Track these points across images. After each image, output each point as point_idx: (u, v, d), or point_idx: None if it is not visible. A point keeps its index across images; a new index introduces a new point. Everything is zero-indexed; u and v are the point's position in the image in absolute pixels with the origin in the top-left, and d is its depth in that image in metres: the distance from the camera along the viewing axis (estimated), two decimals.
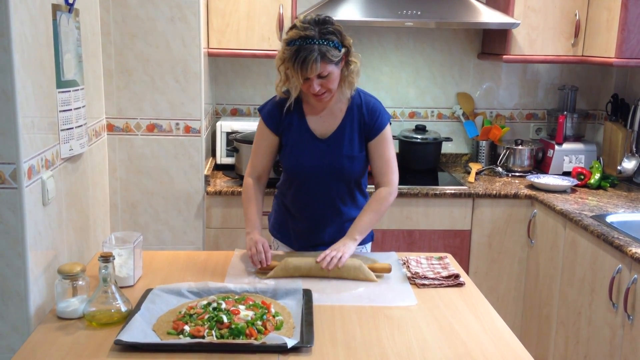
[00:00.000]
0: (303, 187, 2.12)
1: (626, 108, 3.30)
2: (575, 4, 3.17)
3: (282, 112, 2.07)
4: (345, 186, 2.12)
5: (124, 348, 1.47)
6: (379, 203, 2.07)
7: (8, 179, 1.64)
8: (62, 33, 1.95)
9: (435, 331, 1.63)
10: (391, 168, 2.09)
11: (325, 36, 1.88)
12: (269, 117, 2.09)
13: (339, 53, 1.91)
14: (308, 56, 1.85)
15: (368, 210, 2.06)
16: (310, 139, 2.07)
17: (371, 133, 2.06)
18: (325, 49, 1.87)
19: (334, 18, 1.97)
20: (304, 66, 1.86)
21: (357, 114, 2.07)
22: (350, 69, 1.99)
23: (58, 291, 1.66)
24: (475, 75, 3.62)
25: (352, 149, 2.06)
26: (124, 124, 2.77)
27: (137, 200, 2.84)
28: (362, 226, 2.03)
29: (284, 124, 2.08)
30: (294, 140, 2.08)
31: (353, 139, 2.06)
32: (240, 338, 1.50)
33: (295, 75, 1.91)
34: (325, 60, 1.88)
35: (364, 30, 3.51)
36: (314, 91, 1.94)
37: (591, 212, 2.69)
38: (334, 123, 2.07)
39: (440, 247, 3.04)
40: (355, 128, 2.06)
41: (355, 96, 2.07)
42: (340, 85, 2.00)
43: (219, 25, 3.04)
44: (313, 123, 2.07)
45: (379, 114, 2.07)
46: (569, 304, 2.67)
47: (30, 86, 1.71)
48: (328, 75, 1.91)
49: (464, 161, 3.68)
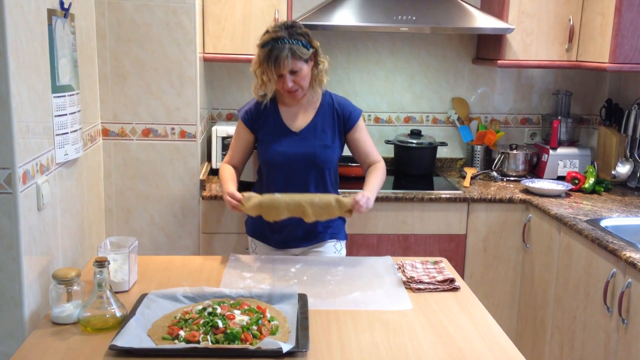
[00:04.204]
0: (278, 177, 2.27)
1: (620, 113, 3.32)
2: (569, 9, 3.19)
3: (259, 111, 2.29)
4: (319, 175, 2.28)
5: (119, 353, 1.47)
6: (379, 171, 2.29)
7: (3, 183, 1.63)
8: (57, 38, 1.95)
9: (431, 335, 1.63)
10: (375, 149, 2.36)
11: (294, 36, 2.13)
12: (246, 116, 2.31)
13: (308, 51, 2.15)
14: (280, 54, 2.09)
15: (373, 174, 2.26)
16: (284, 132, 2.27)
17: (347, 125, 2.31)
18: (295, 47, 2.11)
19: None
20: (277, 63, 2.09)
21: (329, 110, 2.30)
22: (320, 68, 2.22)
23: (53, 296, 1.66)
24: (470, 80, 3.63)
25: (324, 139, 2.26)
26: (119, 128, 2.77)
27: (132, 205, 2.84)
28: (375, 186, 2.21)
29: (259, 122, 2.29)
30: (269, 134, 2.27)
31: (325, 131, 2.27)
32: (236, 343, 1.50)
33: (270, 73, 2.12)
34: (295, 57, 2.11)
35: (360, 36, 3.52)
36: (287, 87, 2.15)
37: (585, 216, 2.70)
38: (307, 118, 2.29)
39: (436, 251, 3.04)
40: (328, 122, 2.28)
41: (326, 96, 2.32)
42: (311, 84, 2.23)
43: (214, 30, 3.04)
44: (287, 119, 2.28)
45: (351, 108, 2.33)
46: (564, 308, 2.67)
47: (25, 91, 1.71)
48: (299, 71, 2.14)
49: (459, 166, 3.69)
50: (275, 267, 2.08)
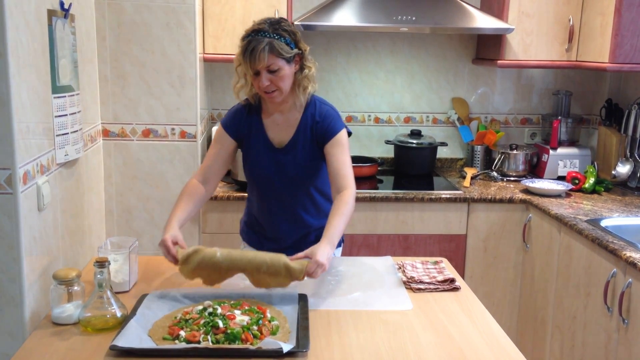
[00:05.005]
0: (264, 195, 2.15)
1: (620, 113, 3.32)
2: (569, 9, 3.19)
3: (242, 118, 2.10)
4: (305, 194, 2.13)
5: (120, 353, 1.47)
6: (345, 206, 1.95)
7: (3, 184, 1.63)
8: (57, 38, 1.95)
9: (431, 336, 1.63)
10: (347, 171, 2.02)
11: (277, 31, 1.92)
12: (229, 123, 2.11)
13: (291, 50, 1.93)
14: (257, 46, 1.88)
15: (336, 214, 1.93)
16: (267, 149, 2.08)
17: (324, 137, 2.05)
18: (276, 42, 1.90)
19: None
20: (253, 56, 1.89)
21: (310, 121, 2.07)
22: (305, 72, 2.00)
23: (53, 297, 1.66)
24: (470, 80, 3.63)
25: (306, 158, 2.07)
26: (120, 129, 2.77)
27: (132, 206, 2.84)
28: (336, 231, 1.90)
29: (243, 130, 2.10)
30: (253, 150, 2.10)
31: (305, 147, 2.07)
32: (236, 343, 1.50)
33: (246, 69, 1.93)
34: (274, 53, 1.90)
35: (360, 36, 3.52)
36: (262, 86, 1.94)
37: (586, 216, 2.70)
38: (290, 132, 2.08)
39: (436, 251, 3.04)
40: (308, 135, 2.07)
41: (310, 104, 2.08)
42: (294, 90, 2.02)
43: (214, 30, 3.05)
44: (271, 132, 2.09)
45: (331, 119, 2.06)
46: (564, 308, 2.67)
47: (25, 91, 1.71)
48: (278, 70, 1.92)
49: (459, 166, 3.69)
50: None
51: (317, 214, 2.17)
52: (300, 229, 2.17)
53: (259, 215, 2.21)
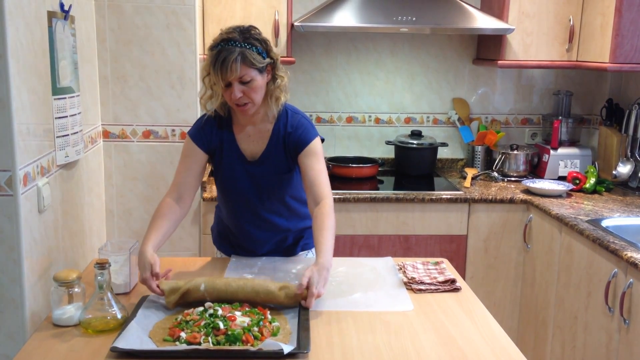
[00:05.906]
0: (237, 207, 2.10)
1: (621, 113, 3.32)
2: (569, 10, 3.19)
3: (212, 130, 2.02)
4: (280, 203, 2.09)
5: (120, 355, 1.47)
6: (327, 219, 1.88)
7: (3, 186, 1.64)
8: (57, 40, 1.95)
9: (432, 336, 1.63)
10: (323, 180, 1.97)
11: (248, 40, 1.85)
12: (198, 135, 2.02)
13: (263, 60, 1.87)
14: (228, 56, 1.81)
15: (323, 228, 1.86)
16: (241, 162, 2.02)
17: (297, 147, 1.99)
18: (248, 52, 1.83)
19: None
20: (224, 67, 1.81)
21: (283, 131, 2.00)
22: (277, 83, 1.94)
23: (54, 298, 1.66)
24: (471, 80, 3.63)
25: (280, 169, 2.03)
26: (120, 130, 2.77)
27: (133, 207, 2.84)
28: (327, 248, 1.82)
29: (214, 142, 2.02)
30: (225, 163, 2.03)
31: (280, 158, 2.02)
32: (237, 344, 1.50)
33: (217, 80, 1.85)
34: (246, 63, 1.83)
35: (360, 36, 3.52)
36: (235, 98, 1.86)
37: (587, 216, 2.69)
38: (262, 144, 2.02)
39: (437, 252, 3.04)
40: (281, 146, 2.01)
41: (282, 115, 2.01)
42: (266, 101, 1.96)
43: (214, 31, 3.01)
44: (243, 144, 2.02)
45: (303, 129, 2.00)
46: (565, 308, 2.67)
47: (25, 93, 1.71)
48: (250, 82, 1.86)
49: (459, 166, 3.69)
50: (276, 268, 2.08)
51: (293, 217, 2.15)
52: (276, 235, 2.15)
53: (233, 226, 2.17)
